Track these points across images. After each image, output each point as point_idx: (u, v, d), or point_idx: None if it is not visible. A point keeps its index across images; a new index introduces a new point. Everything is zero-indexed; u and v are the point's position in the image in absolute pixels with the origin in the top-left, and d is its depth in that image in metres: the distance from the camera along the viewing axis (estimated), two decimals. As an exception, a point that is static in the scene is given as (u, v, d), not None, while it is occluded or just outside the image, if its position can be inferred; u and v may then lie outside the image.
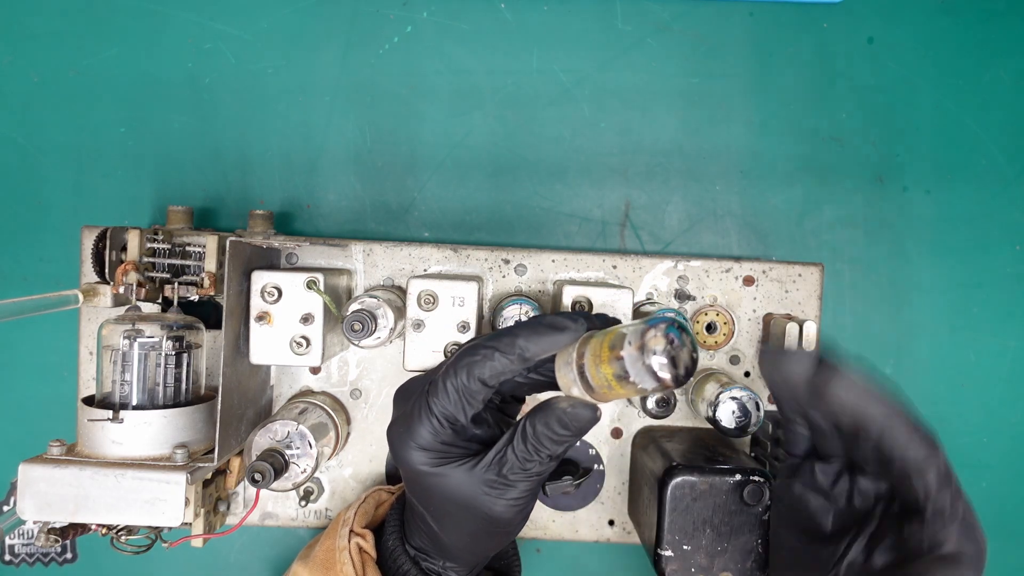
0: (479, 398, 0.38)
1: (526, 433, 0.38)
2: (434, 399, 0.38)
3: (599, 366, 0.35)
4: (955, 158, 0.59)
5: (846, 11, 0.59)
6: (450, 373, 0.38)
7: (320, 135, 0.59)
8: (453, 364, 0.38)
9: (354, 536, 0.46)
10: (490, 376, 0.37)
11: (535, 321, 0.38)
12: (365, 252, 0.56)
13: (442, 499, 0.39)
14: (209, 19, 0.58)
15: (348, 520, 0.47)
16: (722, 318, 0.56)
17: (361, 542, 0.46)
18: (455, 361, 0.38)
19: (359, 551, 0.45)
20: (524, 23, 0.59)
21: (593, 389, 0.36)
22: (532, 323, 0.38)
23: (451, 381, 0.38)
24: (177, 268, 0.50)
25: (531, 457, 0.38)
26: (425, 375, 0.42)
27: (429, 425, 0.38)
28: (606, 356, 0.35)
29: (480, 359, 0.37)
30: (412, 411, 0.39)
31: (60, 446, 0.45)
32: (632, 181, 0.59)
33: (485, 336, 0.39)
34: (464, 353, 0.38)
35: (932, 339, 0.60)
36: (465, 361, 0.37)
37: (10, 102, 0.58)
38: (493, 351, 0.37)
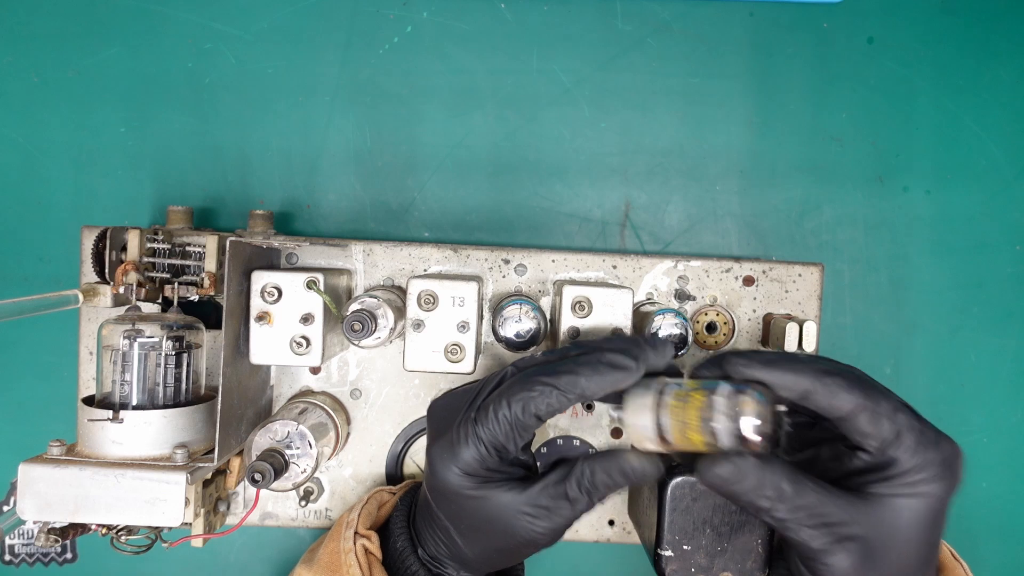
0: (531, 431, 0.38)
1: (583, 475, 0.38)
2: (484, 427, 0.38)
3: (686, 432, 0.36)
4: (955, 158, 0.59)
5: (846, 11, 0.59)
6: (503, 404, 0.37)
7: (320, 135, 0.59)
8: (507, 394, 0.37)
9: (359, 537, 0.46)
10: (546, 413, 0.37)
11: (595, 360, 0.37)
12: (365, 252, 0.56)
13: (477, 519, 0.39)
14: (209, 19, 0.58)
15: (352, 522, 0.47)
16: (722, 318, 0.56)
17: (367, 543, 0.45)
18: (509, 391, 0.38)
19: (365, 553, 0.45)
20: (524, 23, 0.59)
21: (670, 444, 0.36)
22: (593, 362, 0.37)
23: (504, 412, 0.37)
24: (177, 268, 0.50)
25: (581, 498, 0.38)
26: (465, 392, 0.41)
27: (476, 452, 0.38)
28: (695, 423, 0.35)
29: (537, 395, 0.37)
30: (458, 434, 0.38)
31: (60, 446, 0.45)
32: (632, 181, 0.59)
33: (541, 365, 0.39)
34: (520, 385, 0.38)
35: (932, 339, 0.60)
36: (521, 396, 0.37)
37: (10, 102, 0.58)
38: (552, 389, 0.37)
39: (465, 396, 0.41)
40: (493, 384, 0.40)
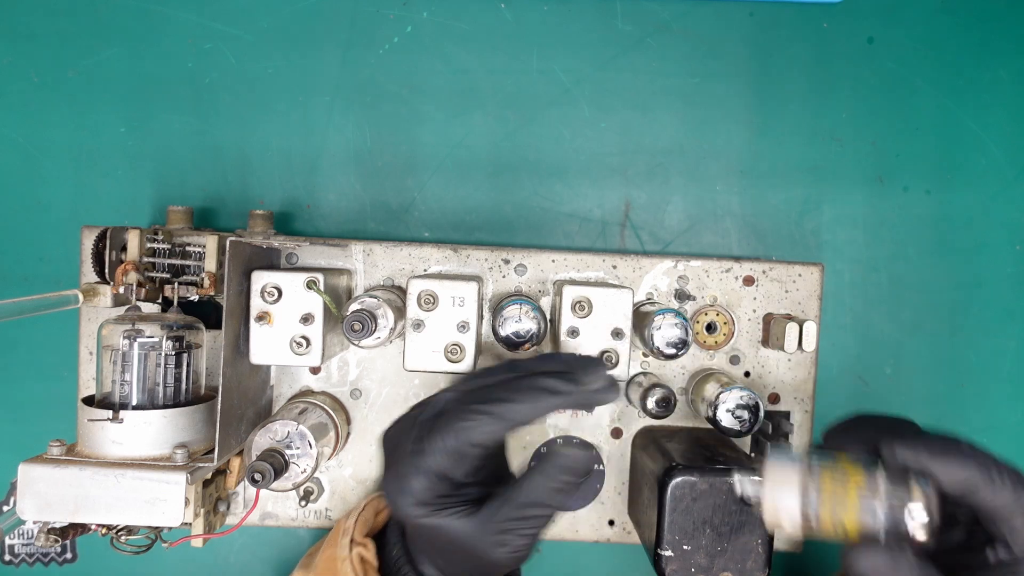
0: (472, 458, 0.38)
1: (523, 488, 0.38)
2: (425, 458, 0.37)
3: (839, 513, 0.33)
4: (955, 158, 0.59)
5: (846, 11, 0.59)
6: (440, 435, 0.37)
7: (320, 135, 0.59)
8: (444, 426, 0.37)
9: (355, 545, 0.46)
10: (483, 440, 0.37)
11: (530, 385, 0.37)
12: (365, 252, 0.56)
13: (442, 544, 0.39)
14: (209, 19, 0.58)
15: (348, 529, 0.47)
16: (722, 318, 0.56)
17: (363, 551, 0.45)
18: (446, 422, 0.37)
19: (361, 561, 0.45)
20: (524, 23, 0.59)
21: (812, 524, 0.34)
22: (527, 387, 0.37)
23: (441, 443, 0.37)
24: (177, 268, 0.50)
25: (528, 514, 0.38)
26: (411, 417, 0.41)
27: (422, 483, 0.38)
28: (853, 505, 0.33)
29: (473, 425, 0.37)
30: (404, 467, 0.38)
31: (60, 446, 0.45)
32: (632, 181, 0.59)
33: (476, 391, 0.38)
34: (456, 415, 0.37)
35: (932, 339, 0.60)
36: (457, 426, 0.37)
37: (10, 102, 0.58)
38: (486, 416, 0.37)
39: (408, 424, 0.40)
40: (432, 412, 0.39)
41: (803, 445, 0.57)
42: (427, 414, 0.39)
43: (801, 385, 0.57)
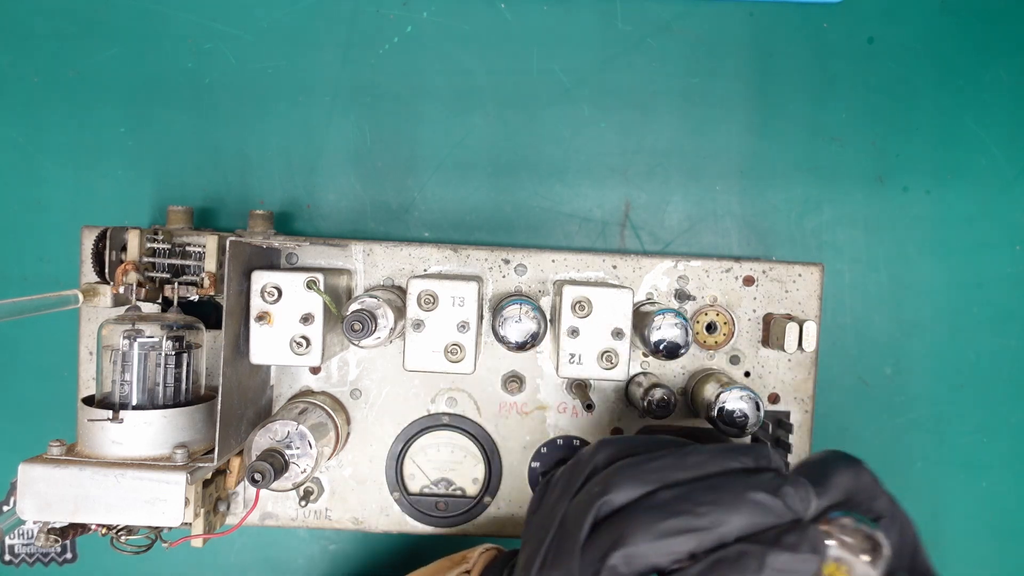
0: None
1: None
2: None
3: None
4: (955, 158, 0.59)
5: (846, 11, 0.59)
6: (617, 552, 0.28)
7: (320, 135, 0.59)
8: (620, 538, 0.28)
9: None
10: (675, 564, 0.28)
11: (748, 497, 0.29)
12: (365, 252, 0.56)
13: None
14: (209, 19, 0.58)
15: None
16: (722, 318, 0.56)
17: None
18: (623, 532, 0.29)
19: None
20: (524, 23, 0.59)
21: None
22: (745, 499, 0.29)
23: (623, 568, 0.28)
24: (177, 268, 0.50)
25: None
26: (587, 503, 0.31)
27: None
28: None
29: (669, 542, 0.28)
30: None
31: (60, 446, 0.45)
32: (632, 181, 0.59)
33: (662, 490, 0.30)
34: (640, 519, 0.29)
35: (932, 339, 0.60)
36: (644, 539, 0.28)
37: (10, 102, 0.58)
38: (690, 534, 0.28)
39: (582, 512, 0.30)
40: (589, 516, 0.30)
41: (798, 445, 0.57)
42: (579, 518, 0.30)
43: (801, 385, 0.57)
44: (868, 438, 0.60)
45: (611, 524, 0.29)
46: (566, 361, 0.49)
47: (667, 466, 0.31)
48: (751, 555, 0.28)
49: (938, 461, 0.60)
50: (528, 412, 0.57)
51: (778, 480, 0.30)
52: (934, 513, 0.61)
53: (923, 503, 0.60)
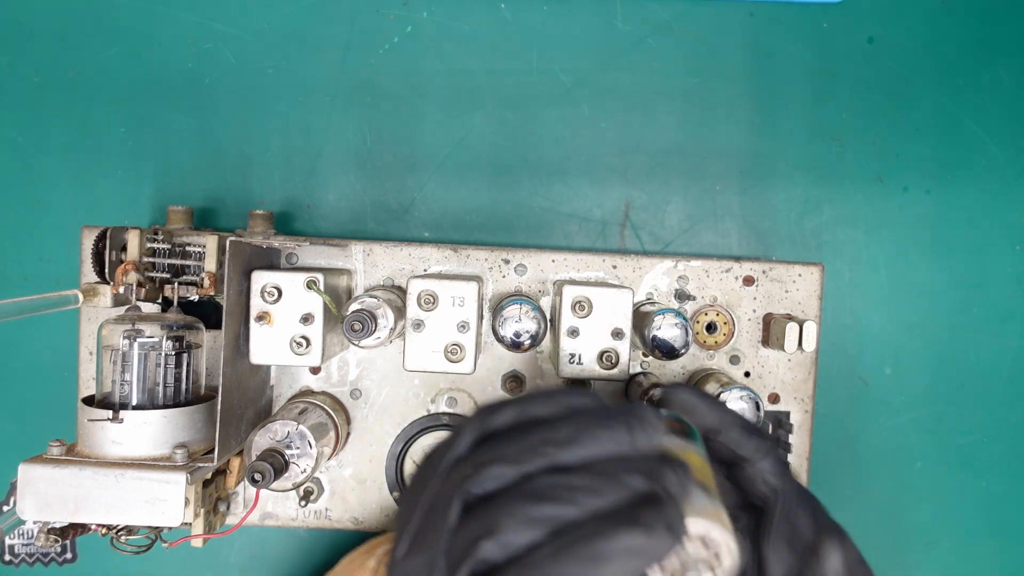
0: None
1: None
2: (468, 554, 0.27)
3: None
4: (955, 158, 0.59)
5: (846, 11, 0.59)
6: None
7: (320, 135, 0.59)
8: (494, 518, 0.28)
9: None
10: None
11: (609, 545, 0.27)
12: (365, 252, 0.56)
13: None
14: (209, 19, 0.58)
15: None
16: (722, 318, 0.56)
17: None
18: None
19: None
20: (524, 23, 0.59)
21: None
22: (608, 554, 0.27)
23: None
24: (177, 268, 0.50)
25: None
26: (425, 548, 0.29)
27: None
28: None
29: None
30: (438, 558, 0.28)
31: (60, 446, 0.45)
32: (632, 181, 0.59)
33: (546, 544, 0.27)
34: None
35: (932, 339, 0.60)
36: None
37: (10, 102, 0.58)
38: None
39: (425, 565, 0.29)
40: (465, 561, 0.28)
41: (799, 445, 0.57)
42: (464, 566, 0.28)
43: (801, 385, 0.57)
44: (868, 438, 0.60)
45: (484, 510, 0.28)
46: (566, 361, 0.49)
47: (540, 443, 0.30)
48: (602, 534, 0.27)
49: (938, 461, 0.60)
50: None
51: (656, 465, 0.29)
52: (934, 513, 0.61)
53: (923, 503, 0.60)
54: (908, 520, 0.60)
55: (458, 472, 0.30)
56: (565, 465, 0.29)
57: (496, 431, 0.32)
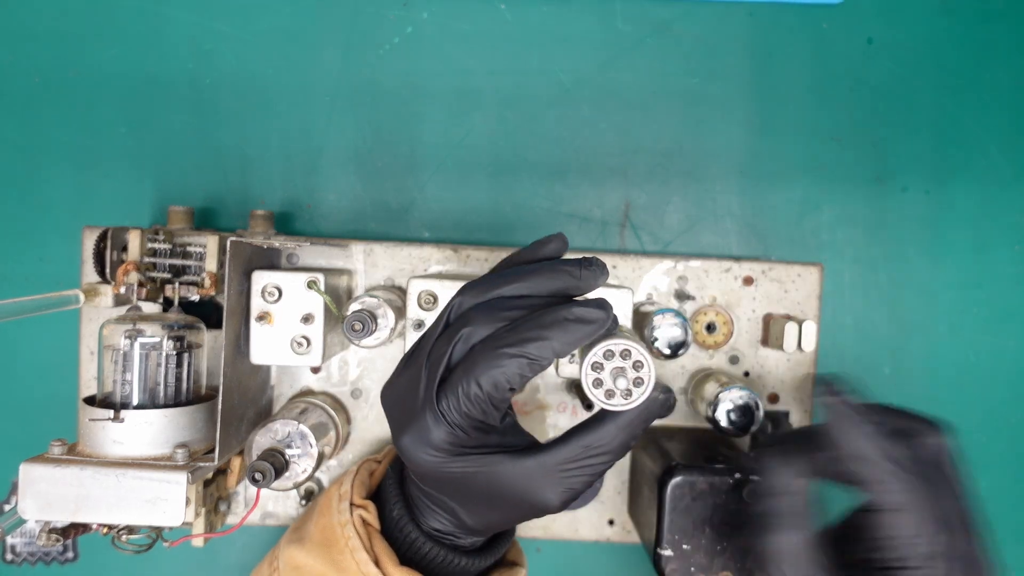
0: (507, 402, 0.36)
1: (596, 433, 0.37)
2: (455, 408, 0.35)
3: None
4: (955, 158, 0.60)
5: (846, 11, 0.59)
6: (472, 382, 0.34)
7: (320, 135, 0.59)
8: (473, 371, 0.34)
9: (355, 508, 0.44)
10: (520, 382, 0.35)
11: (557, 317, 0.35)
12: (365, 252, 0.56)
13: (477, 491, 0.37)
14: (209, 19, 0.58)
15: (345, 494, 0.45)
16: (722, 318, 0.56)
17: (363, 514, 0.43)
18: (474, 366, 0.34)
19: (363, 523, 0.43)
20: (524, 23, 0.59)
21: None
22: (561, 320, 0.34)
23: (475, 391, 0.34)
24: (178, 268, 0.50)
25: (594, 459, 0.37)
26: (413, 370, 0.37)
27: (454, 434, 0.35)
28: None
29: (506, 366, 0.34)
30: (424, 418, 0.35)
31: (61, 446, 0.45)
32: (632, 181, 0.59)
33: (504, 328, 0.35)
34: (486, 360, 0.34)
35: (932, 339, 0.60)
36: (488, 371, 0.34)
37: (10, 102, 0.58)
38: (520, 358, 0.34)
39: (416, 374, 0.37)
40: (447, 355, 0.36)
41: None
42: (442, 357, 0.36)
43: (801, 385, 0.57)
44: (868, 438, 0.60)
45: (458, 322, 0.36)
46: (566, 361, 0.49)
47: (490, 311, 0.36)
48: (560, 307, 0.35)
49: (938, 461, 0.60)
50: (528, 412, 0.57)
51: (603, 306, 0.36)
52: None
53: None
54: (908, 520, 0.60)
55: (454, 327, 0.36)
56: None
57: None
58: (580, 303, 0.36)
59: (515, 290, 0.37)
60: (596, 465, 0.37)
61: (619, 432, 0.37)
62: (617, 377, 0.36)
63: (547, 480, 0.36)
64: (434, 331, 0.37)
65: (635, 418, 0.37)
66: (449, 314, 0.37)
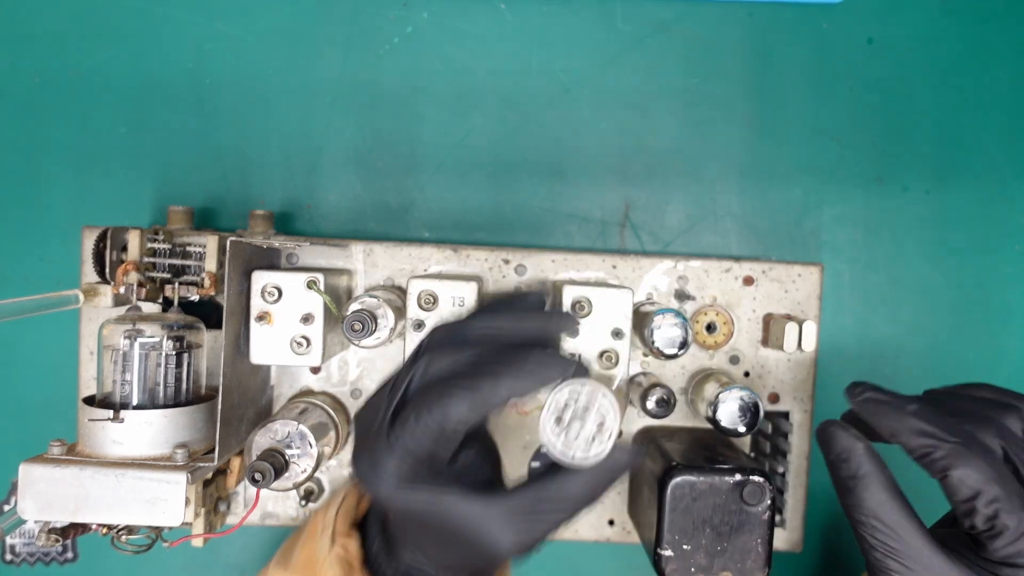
0: (456, 436, 0.35)
1: (560, 483, 0.35)
2: (404, 435, 0.34)
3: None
4: (955, 158, 0.59)
5: (846, 11, 0.59)
6: (423, 413, 0.34)
7: (320, 135, 0.59)
8: (425, 403, 0.34)
9: (337, 540, 0.42)
10: (469, 418, 0.34)
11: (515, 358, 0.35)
12: (365, 252, 0.56)
13: (436, 529, 0.36)
14: (209, 19, 0.58)
15: (328, 524, 0.44)
16: (722, 318, 0.56)
17: (345, 546, 0.42)
18: (426, 399, 0.34)
19: (342, 561, 0.41)
20: (524, 23, 0.59)
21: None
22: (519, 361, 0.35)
23: (424, 422, 0.34)
24: (178, 268, 0.50)
25: (554, 508, 0.35)
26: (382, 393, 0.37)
27: (404, 460, 0.34)
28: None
29: (456, 400, 0.34)
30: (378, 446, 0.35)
31: (61, 446, 0.45)
32: (632, 181, 0.59)
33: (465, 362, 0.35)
34: (438, 393, 0.34)
35: (932, 339, 0.60)
36: (439, 403, 0.34)
37: (10, 102, 0.58)
38: (472, 393, 0.34)
39: (378, 401, 0.37)
40: (405, 383, 0.36)
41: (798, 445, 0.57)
42: (401, 385, 0.36)
43: (801, 385, 0.57)
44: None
45: (429, 389, 0.36)
46: (566, 361, 0.49)
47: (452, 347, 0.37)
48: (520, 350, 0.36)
49: (938, 461, 0.60)
50: (528, 412, 0.57)
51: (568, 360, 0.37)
52: (934, 513, 0.61)
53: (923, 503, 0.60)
54: (908, 520, 0.60)
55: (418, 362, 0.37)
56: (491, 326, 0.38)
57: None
58: (543, 350, 0.35)
59: (483, 327, 0.37)
60: (553, 516, 0.35)
61: (579, 486, 0.35)
62: (576, 428, 0.34)
63: (500, 524, 0.35)
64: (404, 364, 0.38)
65: (596, 474, 0.35)
66: (420, 345, 0.38)
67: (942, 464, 0.36)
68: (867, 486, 0.37)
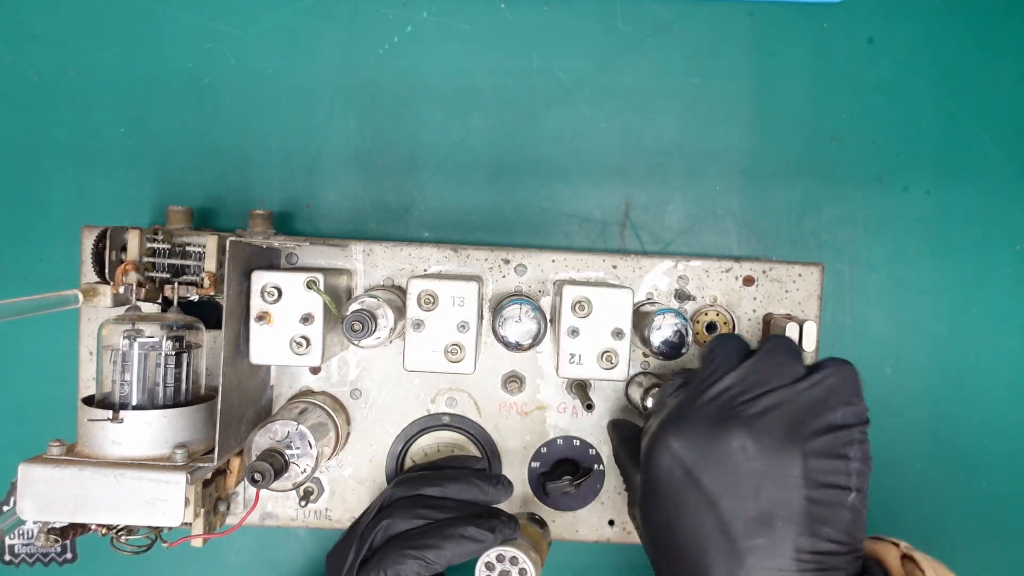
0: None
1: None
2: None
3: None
4: (955, 158, 0.59)
5: (846, 11, 0.59)
6: (380, 570, 0.44)
7: (320, 135, 0.59)
8: (382, 563, 0.44)
9: None
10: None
11: (458, 534, 0.45)
12: (365, 252, 0.56)
13: None
14: (209, 19, 0.58)
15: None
16: (722, 318, 0.56)
17: None
18: (383, 559, 0.45)
19: None
20: (524, 23, 0.59)
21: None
22: (456, 536, 0.45)
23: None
24: (177, 268, 0.50)
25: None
26: (347, 544, 0.47)
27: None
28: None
29: (407, 565, 0.44)
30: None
31: (60, 446, 0.45)
32: (632, 181, 0.59)
33: (416, 528, 0.46)
34: (393, 555, 0.44)
35: (932, 339, 0.60)
36: (394, 563, 0.44)
37: (10, 102, 0.58)
38: (420, 560, 0.44)
39: (346, 550, 0.47)
40: (370, 539, 0.46)
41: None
42: (367, 542, 0.46)
43: (801, 385, 0.57)
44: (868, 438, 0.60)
45: (387, 512, 0.48)
46: (566, 361, 0.49)
47: (408, 510, 0.48)
48: (458, 523, 0.47)
49: (938, 461, 0.60)
50: (528, 412, 0.57)
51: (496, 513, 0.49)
52: (934, 513, 0.61)
53: (923, 503, 0.60)
54: (908, 520, 0.60)
55: (376, 519, 0.48)
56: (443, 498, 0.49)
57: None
58: (476, 522, 0.46)
59: (434, 502, 0.48)
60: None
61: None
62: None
63: None
64: (369, 512, 0.48)
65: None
66: (383, 501, 0.48)
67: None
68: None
